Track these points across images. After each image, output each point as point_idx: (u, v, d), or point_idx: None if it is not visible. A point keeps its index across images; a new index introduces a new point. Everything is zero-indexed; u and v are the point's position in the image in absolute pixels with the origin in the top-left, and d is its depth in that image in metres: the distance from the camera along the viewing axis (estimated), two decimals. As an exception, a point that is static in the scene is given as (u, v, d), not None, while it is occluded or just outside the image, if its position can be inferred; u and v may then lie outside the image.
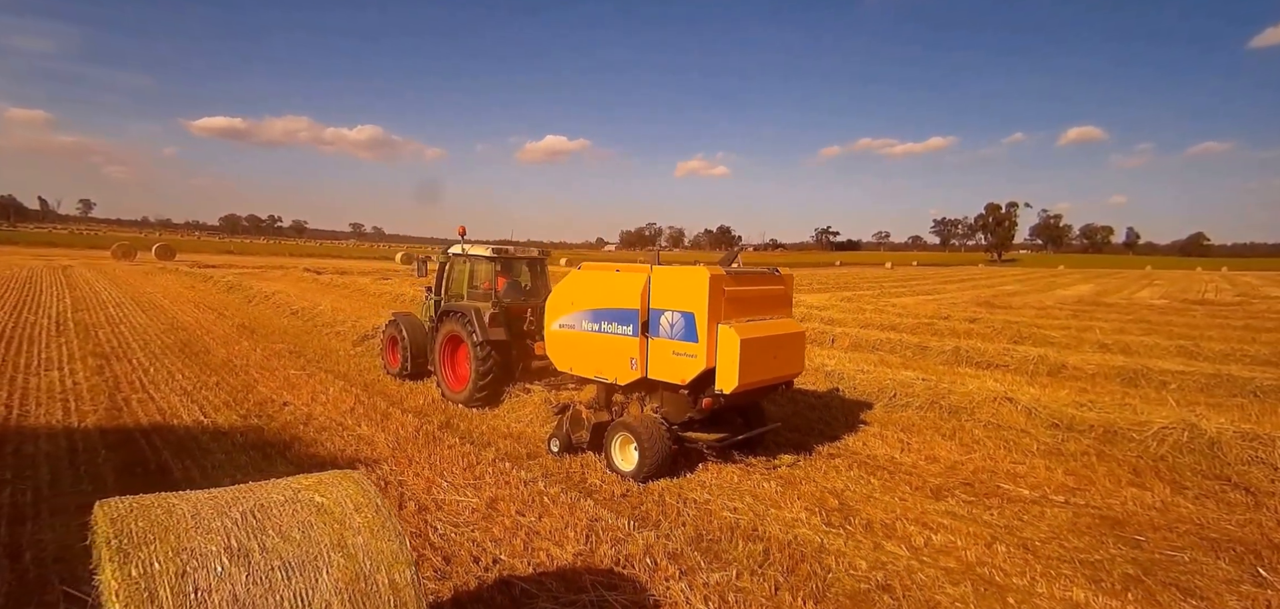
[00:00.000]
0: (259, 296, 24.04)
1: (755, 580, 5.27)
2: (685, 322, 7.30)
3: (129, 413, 9.44)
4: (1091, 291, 42.31)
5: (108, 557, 2.57)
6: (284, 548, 2.86)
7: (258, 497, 3.14)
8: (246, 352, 14.37)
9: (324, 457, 7.91)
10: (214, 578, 2.63)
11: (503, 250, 11.06)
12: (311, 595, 2.77)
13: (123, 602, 2.47)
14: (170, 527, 2.74)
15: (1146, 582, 5.41)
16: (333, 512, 3.17)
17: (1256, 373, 12.94)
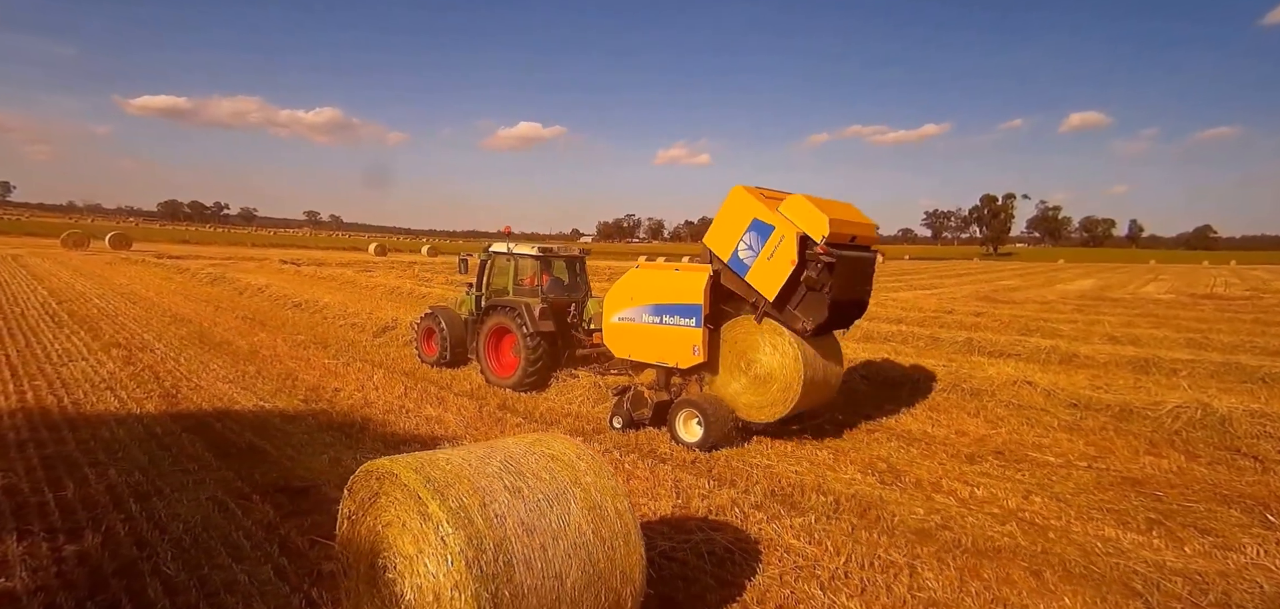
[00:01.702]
0: (250, 290, 24.90)
1: (833, 522, 6.58)
2: (756, 230, 8.75)
3: (185, 400, 10.47)
4: (1095, 286, 44.29)
5: (428, 495, 3.66)
6: (541, 485, 4.06)
7: (502, 451, 4.31)
8: (267, 343, 15.39)
9: (401, 435, 9.06)
10: (504, 506, 3.80)
11: (547, 249, 12.39)
12: (568, 518, 3.99)
13: (453, 522, 3.57)
14: (461, 474, 3.88)
15: (1167, 524, 6.78)
16: (562, 458, 4.38)
17: (1266, 362, 14.38)
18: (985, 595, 5.30)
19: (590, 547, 3.99)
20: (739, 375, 9.26)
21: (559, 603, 3.75)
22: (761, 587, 5.33)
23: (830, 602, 5.11)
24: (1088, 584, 5.52)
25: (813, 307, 8.64)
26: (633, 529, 4.28)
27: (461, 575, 3.48)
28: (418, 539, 3.72)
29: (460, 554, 3.50)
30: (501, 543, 3.64)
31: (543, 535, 3.83)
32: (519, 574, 3.62)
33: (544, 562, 3.75)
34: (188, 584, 5.12)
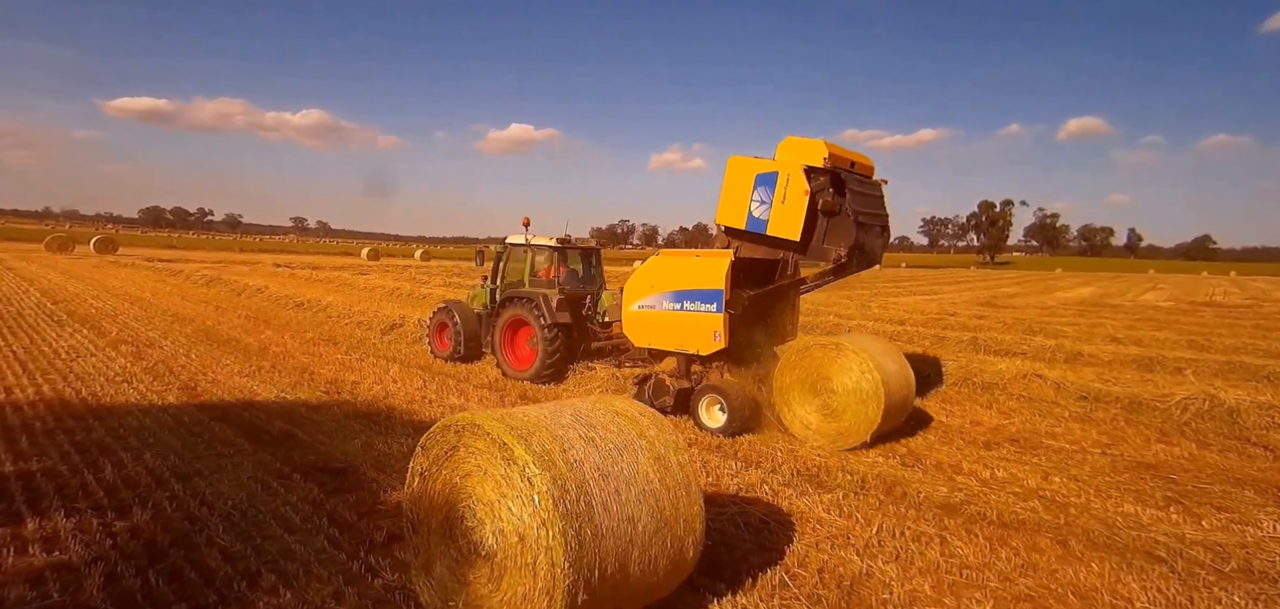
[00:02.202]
0: (248, 290, 25.09)
1: (860, 498, 6.91)
2: (763, 184, 9.21)
3: (205, 392, 10.70)
4: (1094, 294, 44.96)
5: (513, 440, 3.94)
6: (610, 436, 4.36)
7: (571, 407, 4.61)
8: (275, 340, 15.62)
9: (428, 422, 9.31)
10: (581, 452, 4.09)
11: (564, 241, 12.71)
12: (637, 466, 4.29)
13: (539, 464, 3.85)
14: (539, 423, 4.17)
15: (1184, 502, 7.14)
16: (626, 414, 4.69)
17: (1269, 362, 14.76)
18: (1015, 561, 5.63)
19: (657, 494, 4.29)
20: (811, 400, 9.09)
21: (632, 546, 4.04)
22: (800, 553, 5.64)
23: (867, 567, 5.42)
24: (1112, 552, 5.87)
25: (839, 231, 9.02)
26: (693, 481, 4.59)
27: (549, 513, 3.75)
28: (501, 484, 3.98)
29: (547, 492, 3.77)
30: (582, 485, 3.93)
31: (616, 480, 4.13)
32: (598, 515, 3.91)
33: (619, 505, 4.05)
34: (244, 553, 5.38)
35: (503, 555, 3.95)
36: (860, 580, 5.22)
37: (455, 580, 4.20)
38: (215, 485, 6.75)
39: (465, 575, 4.14)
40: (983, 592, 5.11)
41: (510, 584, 3.90)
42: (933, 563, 5.55)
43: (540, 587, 3.75)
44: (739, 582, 5.12)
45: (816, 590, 5.05)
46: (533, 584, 3.78)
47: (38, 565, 5.04)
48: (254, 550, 5.43)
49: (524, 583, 3.83)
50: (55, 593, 4.67)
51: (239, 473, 7.14)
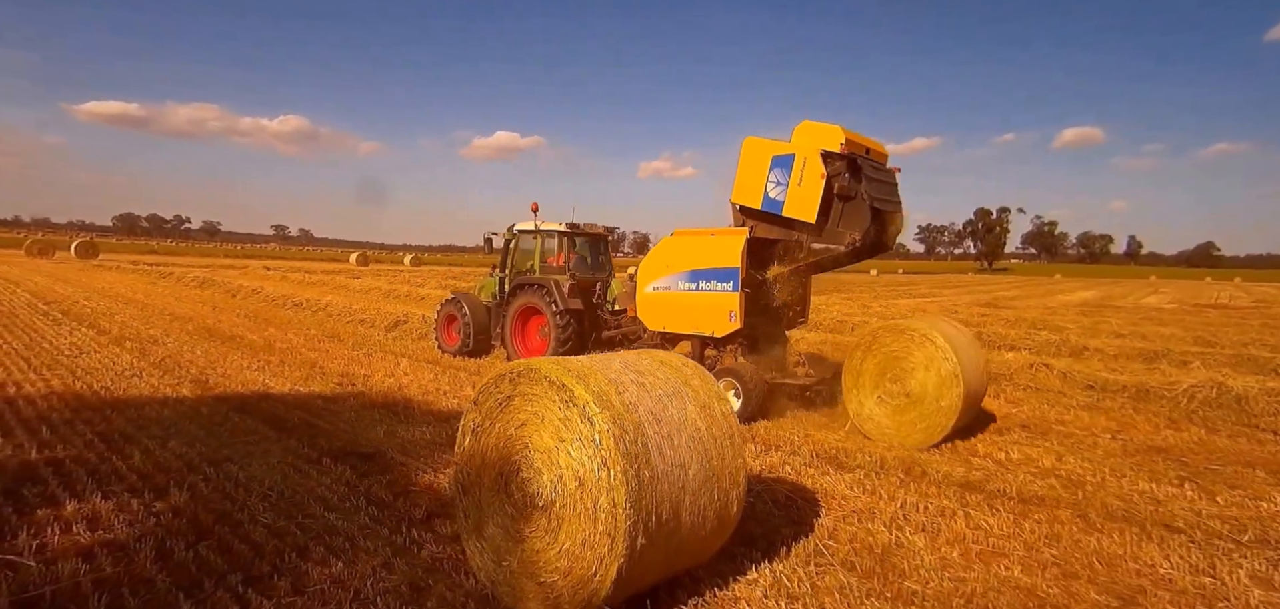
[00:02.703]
0: (243, 291, 25.27)
1: (881, 478, 7.19)
2: (780, 166, 9.48)
3: (217, 386, 10.87)
4: (1095, 297, 45.47)
5: (572, 381, 4.13)
6: (660, 383, 4.57)
7: (619, 357, 4.84)
8: (279, 338, 15.81)
9: (449, 411, 9.56)
10: (634, 396, 4.28)
11: (575, 227, 12.95)
12: (686, 414, 4.50)
13: (599, 404, 4.02)
14: (594, 370, 4.35)
15: (1198, 481, 7.43)
16: (671, 363, 4.93)
17: (1278, 356, 15.16)
18: (1039, 532, 5.91)
19: (705, 443, 4.50)
20: (880, 394, 8.86)
21: (684, 493, 4.25)
22: (828, 527, 5.90)
23: (896, 538, 5.69)
24: (1131, 524, 6.16)
25: (854, 216, 9.27)
26: (737, 433, 4.82)
27: (610, 452, 3.88)
28: (558, 429, 4.12)
29: (608, 431, 3.90)
30: (638, 427, 4.10)
31: (668, 425, 4.32)
32: (654, 457, 4.09)
33: (671, 450, 4.24)
34: (289, 529, 5.58)
35: (562, 503, 4.11)
36: (890, 550, 5.49)
37: (509, 539, 4.38)
38: (247, 469, 6.94)
39: (521, 531, 4.31)
40: (1009, 560, 5.38)
41: (568, 532, 4.06)
42: (959, 534, 5.82)
43: (601, 530, 3.91)
44: (774, 551, 5.38)
45: (850, 558, 5.30)
46: (593, 528, 3.95)
47: (85, 543, 5.22)
48: (298, 526, 5.64)
49: (583, 529, 3.99)
50: (108, 567, 4.87)
51: (268, 458, 7.34)
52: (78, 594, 4.50)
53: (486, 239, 14.19)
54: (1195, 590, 5.03)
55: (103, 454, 7.31)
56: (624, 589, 4.01)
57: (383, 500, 6.23)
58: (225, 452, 7.53)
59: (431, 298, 22.74)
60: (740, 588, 4.79)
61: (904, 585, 4.93)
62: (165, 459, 7.21)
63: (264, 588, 4.66)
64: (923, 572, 5.13)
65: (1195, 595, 4.96)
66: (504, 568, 4.41)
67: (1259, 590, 4.99)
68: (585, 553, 4.00)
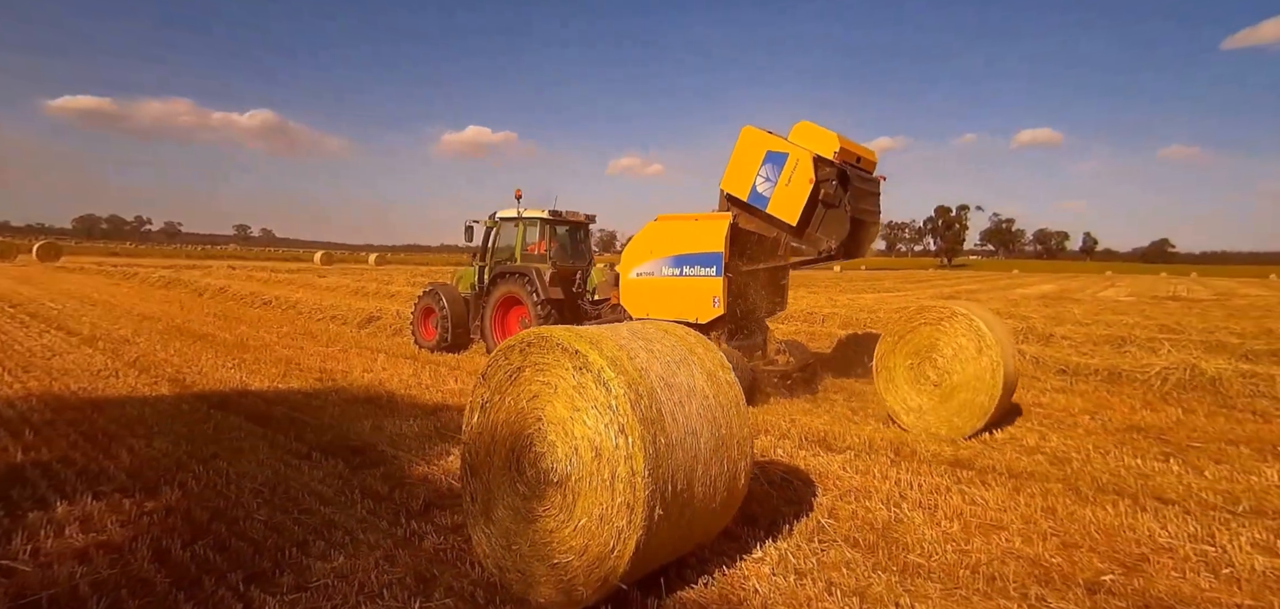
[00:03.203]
0: (210, 291, 24.72)
1: (871, 459, 7.22)
2: (772, 162, 9.58)
3: (195, 384, 10.56)
4: (1054, 290, 46.15)
5: (586, 347, 4.02)
6: (667, 351, 4.50)
7: (627, 327, 4.75)
8: (252, 336, 15.47)
9: (434, 404, 9.42)
10: (645, 362, 4.20)
11: (556, 214, 12.85)
12: (694, 381, 4.43)
13: (613, 368, 3.92)
14: (605, 337, 4.26)
15: (1183, 456, 7.54)
16: (675, 333, 4.87)
17: (1246, 341, 15.36)
18: (1034, 504, 5.97)
19: (714, 410, 4.44)
20: (918, 383, 8.56)
21: (696, 462, 4.17)
22: (827, 505, 5.90)
23: (895, 514, 5.70)
24: (1124, 496, 6.24)
25: (834, 224, 9.35)
26: (742, 401, 4.77)
27: (627, 417, 3.77)
28: (573, 396, 4.00)
29: (624, 396, 3.80)
30: (651, 392, 4.01)
31: (678, 392, 4.24)
32: (668, 424, 4.00)
33: (684, 417, 4.16)
34: (286, 524, 5.41)
35: (577, 476, 3.98)
36: (891, 526, 5.50)
37: (520, 521, 4.27)
38: (238, 466, 6.75)
39: (533, 511, 4.20)
40: (1009, 532, 5.42)
41: (584, 507, 3.96)
42: (957, 509, 5.85)
43: (618, 502, 3.81)
44: (776, 530, 5.35)
45: (852, 535, 5.30)
46: (610, 501, 3.84)
47: (79, 545, 5.01)
48: (295, 522, 5.48)
49: (600, 502, 3.88)
50: (104, 568, 4.69)
51: (257, 454, 7.15)
52: (76, 597, 4.33)
53: (468, 227, 13.82)
54: (1197, 557, 5.08)
55: (89, 454, 7.06)
56: (640, 566, 3.93)
57: (379, 493, 6.08)
58: (212, 449, 7.31)
59: (402, 294, 22.42)
60: (747, 566, 4.76)
61: (908, 559, 4.93)
62: (152, 457, 6.98)
63: (267, 585, 4.52)
64: (925, 545, 5.14)
65: (1198, 562, 5.01)
66: (514, 552, 4.30)
67: (1262, 557, 5.04)
68: (602, 528, 3.89)
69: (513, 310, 12.71)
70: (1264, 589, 4.67)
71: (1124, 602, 4.48)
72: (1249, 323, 20.05)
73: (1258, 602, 4.52)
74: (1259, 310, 25.97)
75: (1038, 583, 4.68)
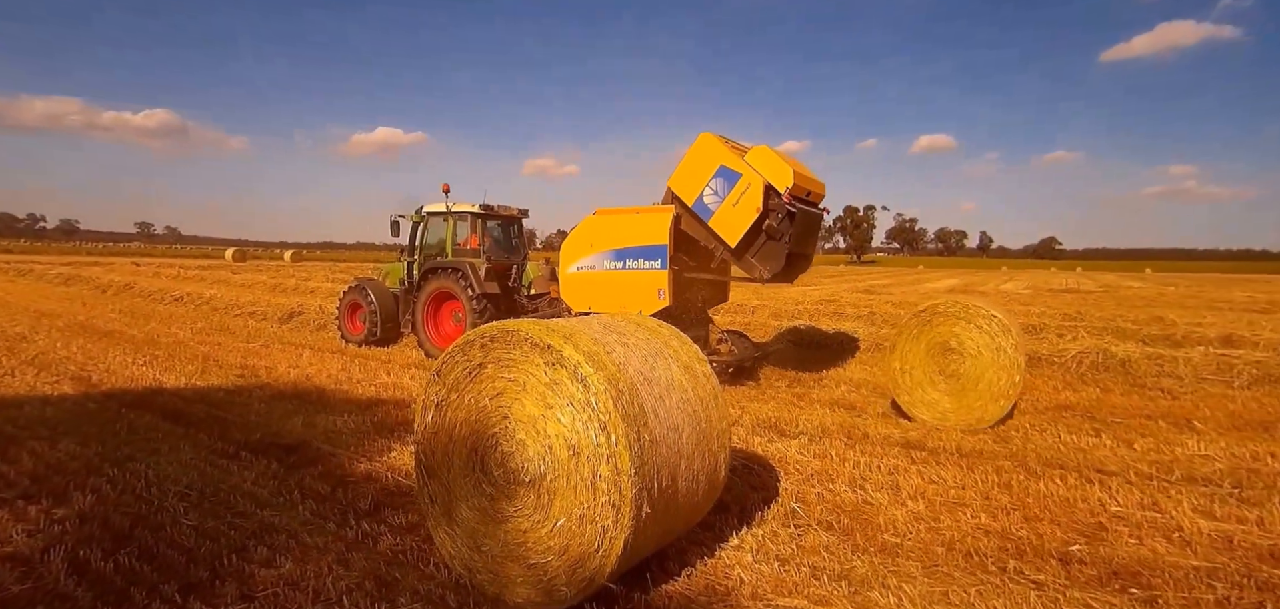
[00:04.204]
0: (114, 287, 23.05)
1: (828, 442, 7.09)
2: (723, 177, 9.14)
3: (103, 383, 9.63)
4: (959, 283, 47.91)
5: (559, 342, 3.64)
6: (642, 344, 4.17)
7: (599, 320, 4.40)
8: (163, 332, 14.38)
9: (367, 398, 8.84)
10: (622, 356, 3.87)
11: (488, 207, 12.28)
12: (672, 375, 4.11)
13: (591, 364, 3.57)
14: (578, 332, 3.89)
15: (1111, 431, 7.72)
16: (647, 325, 4.55)
17: (1144, 328, 16.02)
18: (992, 480, 5.95)
19: (693, 404, 4.15)
20: (936, 376, 8.12)
21: (679, 458, 3.88)
22: (792, 491, 5.71)
23: (861, 497, 5.55)
24: (1069, 470, 6.29)
25: (771, 256, 9.17)
26: (720, 395, 4.51)
27: (609, 415, 3.47)
28: (545, 394, 3.66)
29: (605, 392, 3.49)
30: (633, 388, 3.69)
31: (658, 387, 3.93)
32: (651, 421, 3.69)
33: (665, 412, 3.85)
34: (221, 530, 4.86)
35: (552, 476, 3.66)
36: (860, 508, 5.35)
37: (488, 521, 3.89)
38: (158, 468, 6.07)
39: (502, 512, 3.84)
40: (973, 508, 5.35)
41: (562, 506, 3.63)
42: (918, 489, 5.76)
43: (602, 501, 3.49)
44: (749, 517, 5.13)
45: (825, 518, 5.12)
46: (592, 500, 3.52)
47: (-19, 558, 4.40)
48: (230, 526, 4.93)
49: (580, 501, 3.56)
50: (14, 585, 4.08)
51: (178, 454, 6.48)
52: (-21, 617, 3.74)
53: (393, 222, 13.20)
54: (1148, 523, 5.14)
55: (-17, 459, 6.28)
56: (625, 564, 3.63)
57: (320, 493, 5.55)
58: (126, 450, 6.60)
59: (322, 290, 21.34)
60: (727, 554, 4.51)
61: (884, 539, 4.78)
62: (59, 460, 6.23)
63: (206, 595, 3.99)
64: (898, 525, 5.01)
65: (1150, 528, 5.07)
66: (484, 553, 3.91)
67: (1205, 521, 5.14)
68: (584, 528, 3.57)
69: (445, 305, 12.12)
70: (1213, 551, 4.78)
71: (1094, 570, 4.47)
72: (1140, 312, 21.08)
73: (1209, 563, 4.59)
74: (1144, 301, 27.34)
75: (1012, 556, 4.61)
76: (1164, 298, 28.26)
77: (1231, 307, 23.43)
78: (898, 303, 23.08)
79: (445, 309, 12.09)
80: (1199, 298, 28.41)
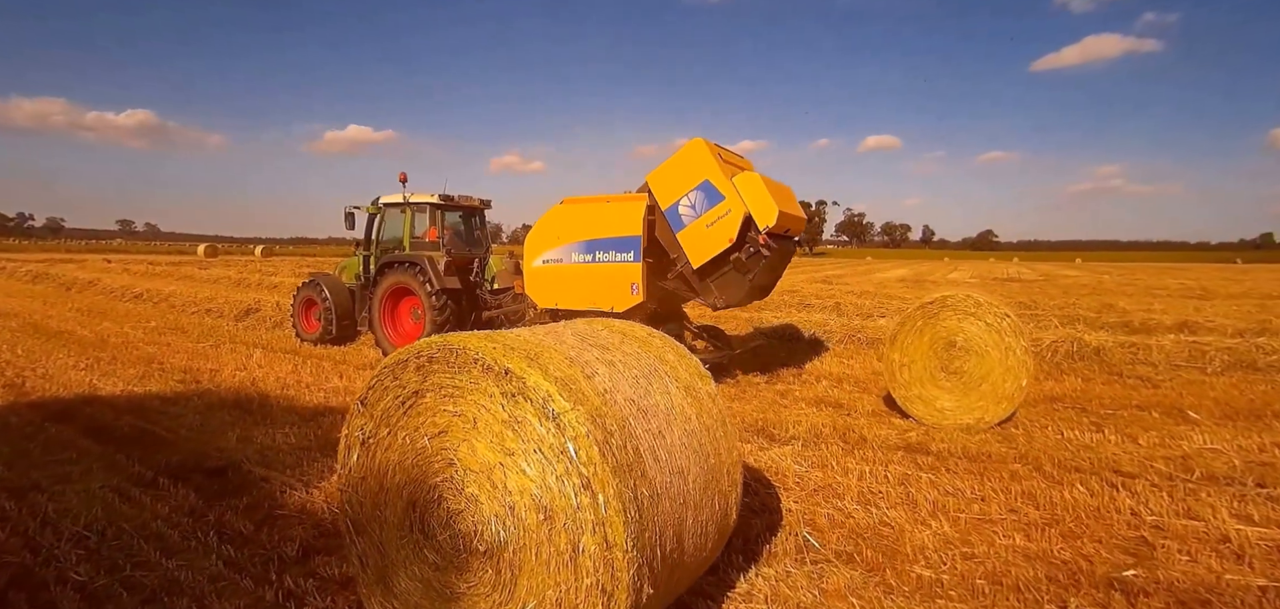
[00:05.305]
0: (79, 283, 21.25)
1: (823, 448, 6.07)
2: (705, 192, 7.86)
3: (35, 389, 8.26)
4: (909, 274, 47.46)
5: (520, 365, 2.55)
6: (632, 361, 3.06)
7: (572, 330, 3.28)
8: (114, 332, 12.85)
9: (314, 408, 7.57)
10: (607, 381, 2.79)
11: (448, 198, 10.95)
12: (672, 400, 3.02)
13: (567, 395, 2.49)
14: (546, 348, 2.80)
15: (1110, 426, 6.83)
16: (633, 334, 3.40)
17: (1101, 315, 15.33)
18: (1012, 489, 4.99)
19: (700, 437, 3.07)
20: (940, 373, 7.13)
21: (685, 509, 2.81)
22: (797, 512, 4.67)
23: (879, 517, 4.54)
24: (1088, 474, 5.39)
25: (732, 287, 8.07)
26: (728, 419, 3.42)
27: (594, 467, 2.39)
28: (502, 436, 2.59)
29: (587, 436, 2.41)
30: (624, 426, 2.61)
31: (656, 419, 2.84)
32: (650, 468, 2.62)
33: (666, 453, 2.77)
34: (113, 589, 3.66)
35: (517, 546, 2.56)
36: (878, 531, 4.33)
37: (433, 596, 2.78)
38: (60, 501, 4.82)
39: (452, 587, 2.73)
40: (1003, 525, 4.39)
41: (532, 586, 2.52)
42: (936, 503, 4.77)
43: (587, 583, 2.39)
44: (756, 551, 4.07)
45: (843, 549, 4.09)
46: (574, 582, 2.42)
47: None
48: (125, 582, 3.73)
49: (557, 582, 2.46)
50: None
51: (89, 481, 5.22)
52: None
53: (348, 213, 11.68)
54: (1192, 535, 4.31)
55: None
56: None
57: (241, 534, 4.34)
58: (34, 476, 5.32)
59: (285, 285, 19.81)
60: (735, 605, 3.47)
61: (917, 573, 3.78)
62: (-53, 494, 4.94)
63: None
64: (928, 553, 4.02)
65: (1196, 541, 4.24)
66: (431, 634, 2.80)
67: (1247, 527, 4.41)
68: (562, 617, 2.45)
69: (404, 302, 10.76)
70: (1270, 564, 3.98)
71: (1159, 601, 3.61)
72: (1090, 300, 20.57)
73: (1272, 580, 3.79)
74: (1087, 289, 27.05)
75: (1066, 587, 3.69)
76: (1104, 286, 28.00)
77: (1169, 293, 23.16)
78: (856, 292, 22.30)
79: (404, 306, 10.77)
80: (1136, 285, 28.20)
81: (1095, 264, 68.16)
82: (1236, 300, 18.77)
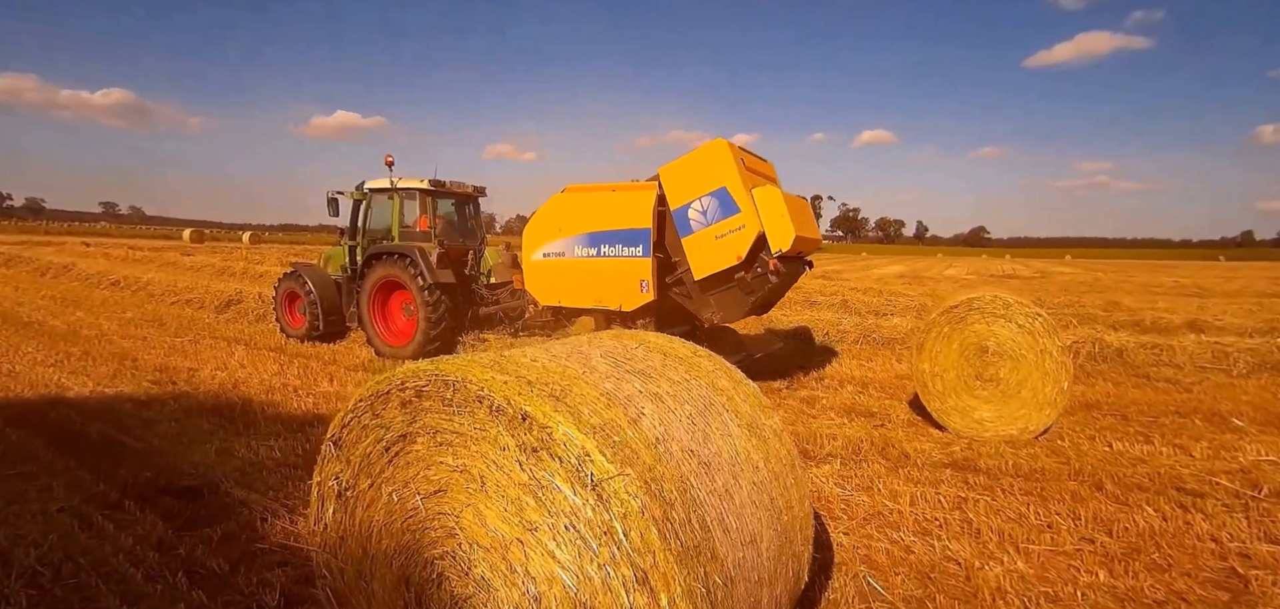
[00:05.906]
0: (54, 269, 20.39)
1: (865, 466, 5.55)
2: (719, 200, 7.25)
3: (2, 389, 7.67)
4: (906, 270, 47.08)
5: (542, 410, 1.93)
6: (683, 393, 2.49)
7: (597, 347, 2.70)
8: (88, 322, 12.15)
9: (302, 416, 6.93)
10: (657, 423, 2.20)
11: (439, 184, 10.18)
12: (735, 444, 2.45)
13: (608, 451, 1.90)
14: (574, 381, 2.17)
15: (1157, 435, 6.39)
16: (675, 354, 2.81)
17: (1113, 314, 14.79)
18: (1078, 513, 4.55)
19: (771, 490, 2.49)
20: (974, 381, 6.55)
21: (760, 590, 2.24)
22: (849, 546, 4.14)
23: (942, 551, 4.02)
24: (1154, 492, 4.98)
25: (732, 306, 7.55)
26: (797, 462, 2.83)
27: (655, 556, 1.78)
28: (521, 503, 1.97)
29: (642, 512, 1.80)
30: (685, 490, 2.00)
31: (721, 474, 2.24)
32: (719, 542, 2.03)
33: (736, 518, 2.18)
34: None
35: None
36: (945, 569, 3.81)
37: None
38: (12, 528, 4.21)
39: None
40: (1082, 559, 3.92)
41: None
42: (1001, 532, 4.26)
43: None
44: (812, 598, 3.53)
45: (912, 593, 3.57)
46: None
47: None
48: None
49: None
50: None
51: (46, 503, 4.59)
52: None
53: (331, 199, 10.83)
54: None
55: None
56: None
57: (213, 574, 3.74)
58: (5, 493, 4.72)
59: (271, 275, 18.97)
60: (804, 681, 2.93)
61: (1004, 632, 3.26)
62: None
63: None
64: (1008, 598, 3.52)
65: None
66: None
67: None
68: None
69: (395, 296, 10.01)
70: None
71: None
72: (1093, 298, 20.12)
73: None
74: (1085, 286, 26.75)
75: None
76: (1101, 284, 27.74)
77: (1166, 291, 22.90)
78: (860, 289, 21.73)
79: (394, 300, 10.05)
80: (1133, 283, 27.97)
81: (1085, 261, 68.21)
82: (1235, 298, 18.50)
